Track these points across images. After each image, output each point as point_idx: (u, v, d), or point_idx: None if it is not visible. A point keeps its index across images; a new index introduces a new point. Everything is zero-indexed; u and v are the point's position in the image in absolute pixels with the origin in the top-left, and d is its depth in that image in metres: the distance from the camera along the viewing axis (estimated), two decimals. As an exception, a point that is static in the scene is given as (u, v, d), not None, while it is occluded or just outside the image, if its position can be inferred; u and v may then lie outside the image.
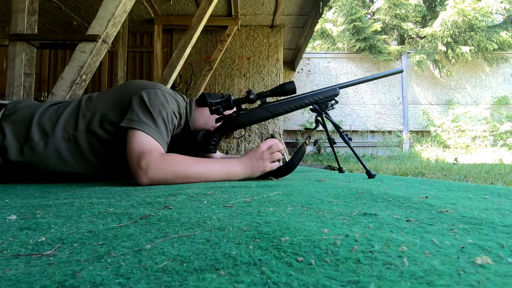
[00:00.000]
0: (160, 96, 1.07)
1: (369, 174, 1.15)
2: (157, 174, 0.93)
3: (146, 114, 1.01)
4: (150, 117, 1.01)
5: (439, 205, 0.56)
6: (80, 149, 1.06)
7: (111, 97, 1.10)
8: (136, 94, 1.06)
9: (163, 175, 0.94)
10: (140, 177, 0.93)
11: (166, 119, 1.05)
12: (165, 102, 1.07)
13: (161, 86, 1.13)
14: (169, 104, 1.08)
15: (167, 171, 0.94)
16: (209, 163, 1.03)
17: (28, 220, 0.46)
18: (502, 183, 1.84)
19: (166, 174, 0.94)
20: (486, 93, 7.48)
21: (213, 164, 1.03)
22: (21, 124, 1.05)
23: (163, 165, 0.94)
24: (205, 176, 1.00)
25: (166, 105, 1.06)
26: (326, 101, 1.19)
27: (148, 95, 1.05)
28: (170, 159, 0.97)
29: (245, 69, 4.37)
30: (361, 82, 1.25)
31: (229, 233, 0.38)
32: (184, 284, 0.23)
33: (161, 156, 0.96)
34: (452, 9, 7.39)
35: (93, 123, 1.06)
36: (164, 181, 0.95)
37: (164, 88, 1.12)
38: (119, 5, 1.54)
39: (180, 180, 0.97)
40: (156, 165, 0.93)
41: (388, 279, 0.24)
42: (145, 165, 0.93)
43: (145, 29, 4.39)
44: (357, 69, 7.57)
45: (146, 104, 1.02)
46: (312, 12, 3.95)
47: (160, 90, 1.09)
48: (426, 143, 7.15)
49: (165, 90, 1.11)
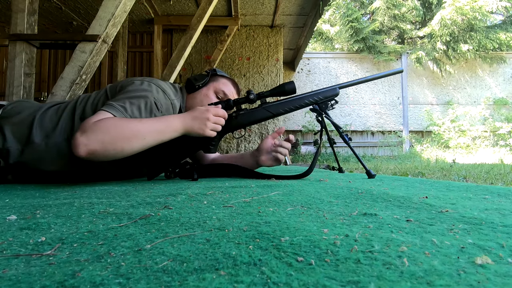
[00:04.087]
0: (145, 86, 1.06)
1: (369, 174, 1.15)
2: (91, 142, 0.84)
3: (119, 98, 1.00)
4: (120, 101, 0.98)
5: (439, 205, 0.55)
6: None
7: (103, 96, 1.10)
8: (124, 84, 1.08)
9: (98, 143, 0.85)
10: (76, 148, 0.84)
11: (144, 107, 1.01)
12: (149, 92, 1.05)
13: (151, 78, 1.12)
14: (153, 94, 1.05)
15: (103, 137, 0.86)
16: (146, 120, 0.97)
17: (28, 220, 0.46)
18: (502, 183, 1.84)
19: (102, 140, 0.85)
20: (486, 94, 7.48)
21: (151, 120, 0.97)
22: (22, 125, 1.04)
23: (98, 130, 0.86)
24: (143, 132, 0.92)
25: (149, 94, 1.04)
26: (326, 101, 1.19)
27: (132, 84, 1.06)
28: (104, 123, 0.88)
29: (245, 69, 4.37)
30: (361, 82, 1.25)
31: (229, 233, 0.38)
32: (184, 284, 0.23)
33: (96, 121, 0.88)
34: (450, 7, 7.39)
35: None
36: (103, 149, 0.86)
37: (154, 80, 1.11)
38: (119, 5, 1.54)
39: (120, 143, 0.88)
40: (90, 131, 0.85)
41: (388, 279, 0.24)
42: (79, 135, 0.85)
43: (145, 29, 4.39)
44: (357, 69, 7.57)
45: (125, 92, 1.03)
46: (312, 12, 3.95)
47: (147, 82, 1.08)
48: (426, 143, 7.15)
49: (153, 82, 1.10)
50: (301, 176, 1.15)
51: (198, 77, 1.26)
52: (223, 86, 1.27)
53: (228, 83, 1.29)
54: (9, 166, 1.03)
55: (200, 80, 1.24)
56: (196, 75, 1.26)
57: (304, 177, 1.15)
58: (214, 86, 1.26)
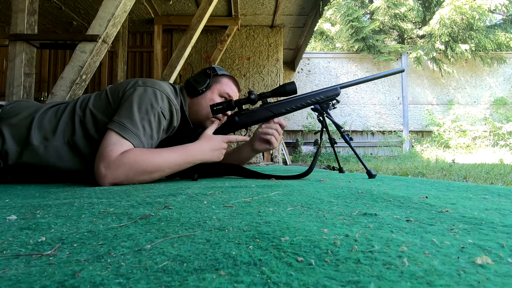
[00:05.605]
0: (150, 95, 1.04)
1: (370, 174, 1.15)
2: (116, 176, 0.92)
3: (129, 115, 0.99)
4: (131, 119, 0.98)
5: (439, 205, 0.55)
6: (81, 152, 1.05)
7: (105, 100, 1.08)
8: (127, 92, 1.05)
9: (124, 176, 0.93)
10: (101, 180, 0.92)
11: (154, 120, 1.02)
12: (155, 101, 1.03)
13: (153, 82, 1.09)
14: (159, 104, 1.04)
15: (127, 172, 0.93)
16: (167, 153, 1.01)
17: (28, 220, 0.46)
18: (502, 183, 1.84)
19: (127, 174, 0.93)
20: (486, 93, 7.48)
21: (172, 153, 1.02)
22: (21, 127, 1.03)
23: (122, 166, 0.92)
24: (164, 167, 0.99)
25: (156, 105, 1.03)
26: (327, 101, 1.19)
27: (137, 94, 1.03)
28: (128, 158, 0.94)
29: (245, 69, 4.37)
30: (362, 82, 1.25)
31: (229, 233, 0.38)
32: (184, 284, 0.23)
33: (120, 155, 0.93)
34: (449, 6, 7.38)
35: (89, 128, 1.05)
36: (128, 181, 0.94)
37: (156, 85, 1.08)
38: (119, 5, 1.54)
39: (142, 176, 0.96)
40: (115, 167, 0.92)
41: (388, 279, 0.24)
42: (104, 169, 0.92)
43: (145, 29, 4.39)
44: (357, 69, 7.57)
45: (132, 104, 1.00)
46: (312, 12, 3.95)
47: (151, 88, 1.05)
48: (426, 143, 7.15)
49: (157, 88, 1.07)
50: (301, 176, 1.15)
51: (200, 79, 1.22)
52: (227, 87, 1.25)
53: (230, 83, 1.28)
54: (8, 167, 1.03)
55: (202, 84, 1.21)
56: (196, 77, 1.23)
57: (304, 177, 1.15)
58: (218, 89, 1.24)
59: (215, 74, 1.26)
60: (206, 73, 1.25)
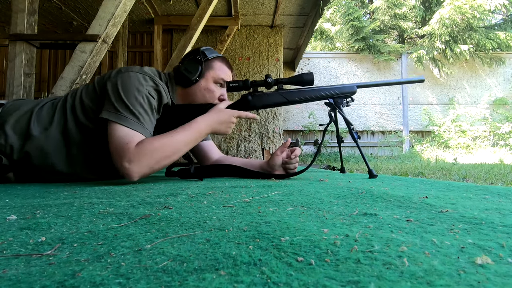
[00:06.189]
0: (133, 79, 1.02)
1: (371, 174, 1.15)
2: (141, 169, 0.95)
3: (121, 104, 0.98)
4: (125, 106, 0.98)
5: (439, 205, 0.55)
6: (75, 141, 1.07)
7: (91, 88, 1.09)
8: (109, 80, 1.04)
9: (147, 168, 0.96)
10: (129, 177, 0.95)
11: (144, 102, 1.01)
12: (139, 84, 1.02)
13: (135, 67, 1.08)
14: (144, 85, 1.03)
15: (149, 162, 0.95)
16: (179, 133, 1.03)
17: (28, 220, 0.46)
18: (502, 183, 1.84)
19: (149, 164, 0.96)
20: (486, 94, 7.48)
21: (183, 132, 1.04)
22: (21, 121, 1.06)
23: (143, 157, 0.95)
24: (180, 147, 1.02)
25: (141, 87, 1.02)
26: (342, 97, 1.19)
27: (121, 81, 1.01)
28: (145, 149, 0.95)
29: (245, 69, 4.37)
30: (380, 85, 1.25)
31: (229, 233, 0.38)
32: (184, 284, 0.23)
33: (137, 148, 0.95)
34: (449, 6, 7.38)
35: (78, 114, 1.07)
36: (151, 171, 0.98)
37: (138, 69, 1.07)
38: (119, 5, 1.54)
39: (163, 162, 0.99)
40: (137, 160, 0.94)
41: (388, 279, 0.24)
42: (127, 164, 0.93)
43: (145, 29, 4.39)
44: (357, 69, 7.57)
45: (119, 91, 0.99)
46: (312, 12, 3.95)
47: (133, 73, 1.04)
48: (426, 143, 7.15)
49: (139, 71, 1.05)
50: (300, 172, 1.17)
51: (191, 67, 1.17)
52: (221, 72, 1.21)
53: (223, 66, 1.23)
54: (13, 162, 1.05)
55: (194, 72, 1.17)
56: (186, 65, 1.18)
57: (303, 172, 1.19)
58: (211, 76, 1.19)
59: (206, 59, 1.21)
60: (196, 59, 1.19)
